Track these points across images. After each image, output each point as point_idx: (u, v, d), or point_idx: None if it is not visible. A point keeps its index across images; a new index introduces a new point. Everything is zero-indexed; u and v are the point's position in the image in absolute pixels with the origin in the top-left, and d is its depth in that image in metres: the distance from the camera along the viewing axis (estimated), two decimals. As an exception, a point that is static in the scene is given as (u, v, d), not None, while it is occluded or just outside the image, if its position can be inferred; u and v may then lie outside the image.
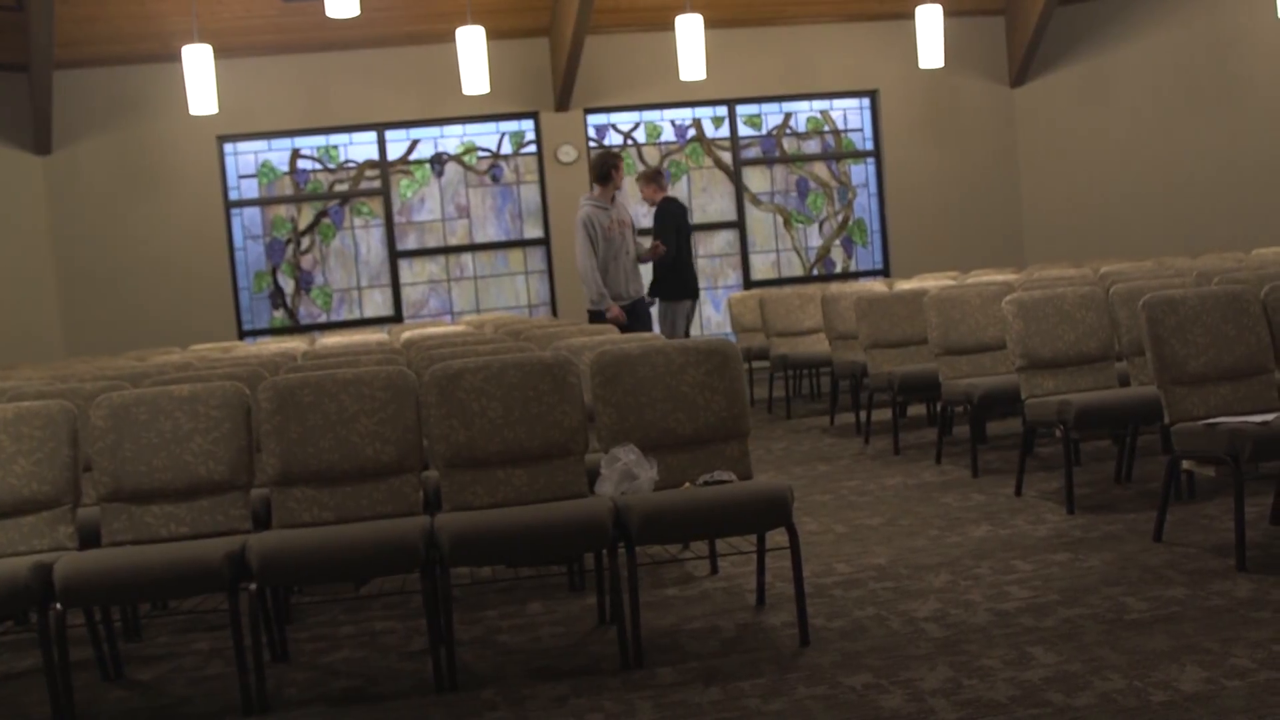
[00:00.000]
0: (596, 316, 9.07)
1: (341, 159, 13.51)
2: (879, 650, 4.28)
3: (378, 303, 13.63)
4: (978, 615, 4.59)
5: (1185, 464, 5.47)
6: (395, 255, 13.59)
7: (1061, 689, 3.77)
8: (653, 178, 10.40)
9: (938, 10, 12.41)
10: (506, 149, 13.82)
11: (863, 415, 9.00)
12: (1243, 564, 4.90)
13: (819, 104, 14.52)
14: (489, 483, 4.71)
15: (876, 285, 11.11)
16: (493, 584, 5.63)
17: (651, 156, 14.09)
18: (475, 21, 11.67)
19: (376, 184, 13.54)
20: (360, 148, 13.53)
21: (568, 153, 13.64)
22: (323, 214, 13.49)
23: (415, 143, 13.64)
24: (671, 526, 4.38)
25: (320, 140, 13.46)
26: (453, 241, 13.77)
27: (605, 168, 9.19)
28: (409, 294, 13.70)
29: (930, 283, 10.30)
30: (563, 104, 13.53)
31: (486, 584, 5.65)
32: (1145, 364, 5.80)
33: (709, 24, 12.38)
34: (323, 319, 13.51)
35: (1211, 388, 5.38)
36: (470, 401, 4.73)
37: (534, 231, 13.87)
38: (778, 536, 4.95)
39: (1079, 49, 14.29)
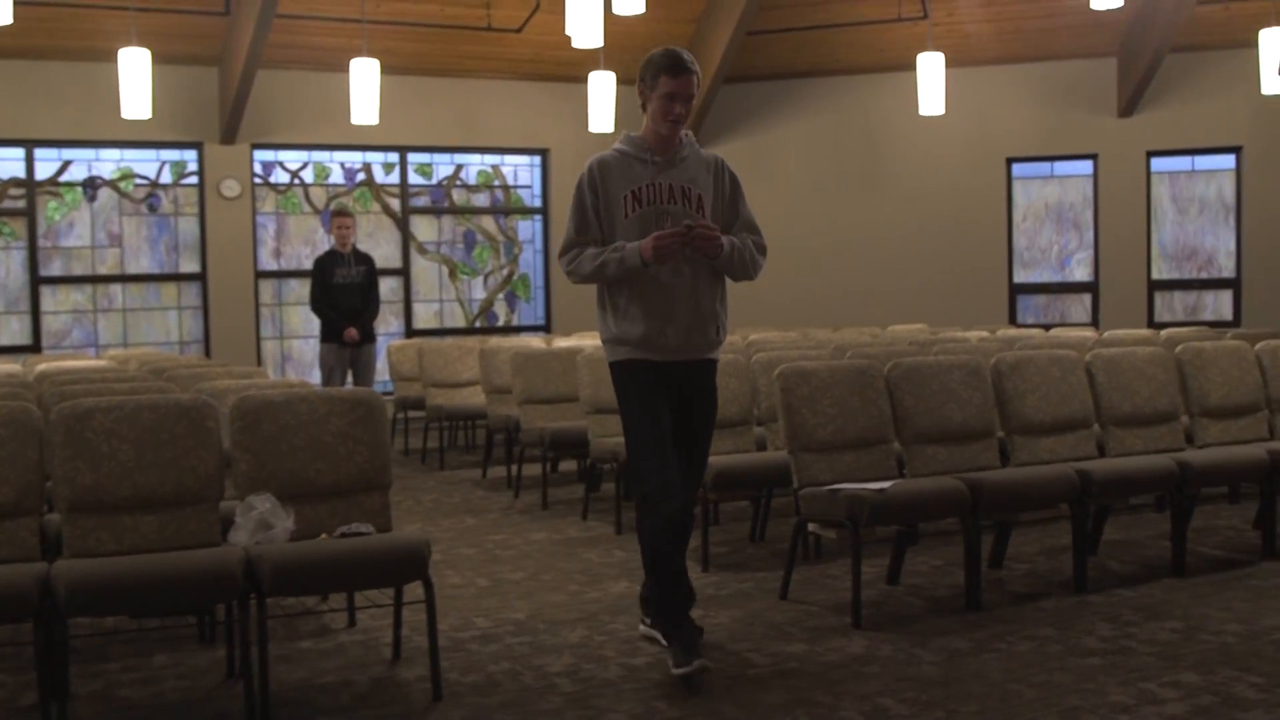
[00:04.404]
0: (620, 371, 4.87)
1: (-18, 175, 12.69)
2: (510, 705, 4.32)
3: (14, 330, 12.80)
4: (609, 670, 4.69)
5: (811, 526, 5.78)
6: (37, 281, 12.82)
7: (680, 743, 3.90)
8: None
9: (610, 77, 12.76)
10: (166, 178, 13.32)
11: (514, 469, 9.07)
12: (858, 621, 5.21)
13: (490, 158, 14.66)
14: (115, 529, 4.50)
15: (534, 341, 11.27)
16: (116, 635, 5.36)
17: (319, 198, 13.87)
18: (141, 43, 11.22)
19: (21, 204, 12.76)
20: (5, 164, 12.73)
21: (231, 187, 13.27)
22: (-43, 232, 12.62)
23: (67, 164, 12.95)
24: (305, 578, 4.30)
25: (-41, 154, 12.61)
26: (102, 270, 13.12)
27: (644, 71, 4.80)
28: (50, 323, 12.94)
29: (587, 341, 10.53)
30: (229, 137, 13.15)
31: (109, 635, 5.37)
32: (780, 430, 6.09)
33: (385, 69, 12.32)
34: (-50, 345, 12.60)
35: (837, 455, 5.71)
36: (100, 442, 4.51)
37: (190, 266, 13.38)
38: (419, 589, 4.93)
39: (742, 125, 14.97)
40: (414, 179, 14.30)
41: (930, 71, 12.68)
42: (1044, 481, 5.77)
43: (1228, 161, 14.29)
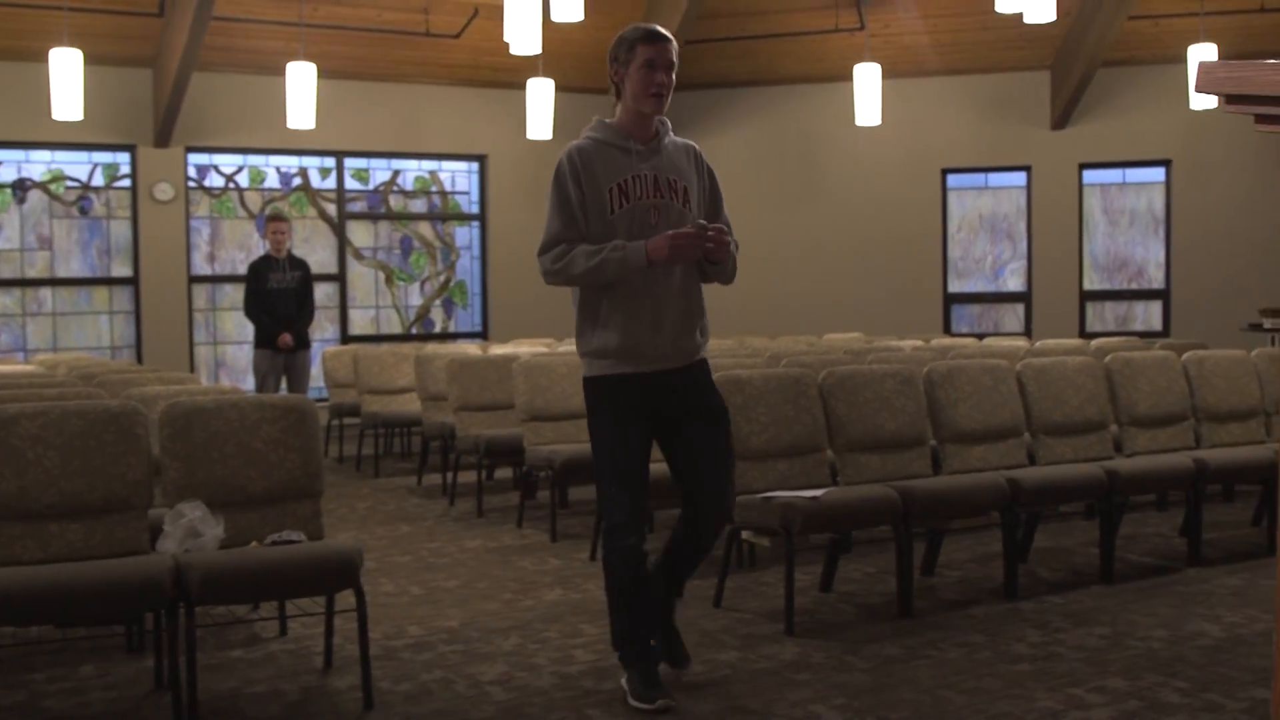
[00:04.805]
0: (596, 387, 4.48)
1: (-92, 177, 12.47)
2: (442, 714, 4.30)
3: (-59, 335, 12.60)
4: (542, 678, 4.69)
5: (745, 534, 5.80)
6: (-36, 285, 12.63)
7: (612, 751, 3.90)
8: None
9: (548, 84, 12.76)
10: (98, 181, 13.15)
11: (450, 476, 9.03)
12: (791, 629, 5.23)
13: (428, 164, 14.61)
14: (41, 537, 4.43)
15: (471, 348, 11.24)
16: (41, 645, 5.27)
17: (254, 202, 13.75)
18: (73, 44, 11.09)
19: (-53, 207, 12.57)
20: (-69, 167, 12.54)
21: (165, 190, 13.12)
22: (-118, 235, 12.38)
23: (-4, 165, 12.78)
24: (234, 586, 4.26)
25: (-116, 155, 12.38)
26: (31, 274, 12.92)
27: (615, 49, 4.37)
28: (-23, 327, 12.74)
29: (524, 349, 10.51)
30: (163, 140, 13.01)
31: (34, 645, 5.28)
32: (714, 438, 6.09)
33: (322, 74, 12.26)
34: (-126, 349, 12.36)
35: (771, 463, 5.73)
36: (25, 449, 4.44)
37: (123, 270, 13.21)
38: (351, 597, 4.90)
39: (680, 133, 14.88)
40: (351, 184, 14.22)
41: (867, 82, 12.80)
42: (975, 489, 5.83)
43: (1158, 174, 14.52)
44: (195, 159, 13.48)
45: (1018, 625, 5.33)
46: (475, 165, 14.80)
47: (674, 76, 4.34)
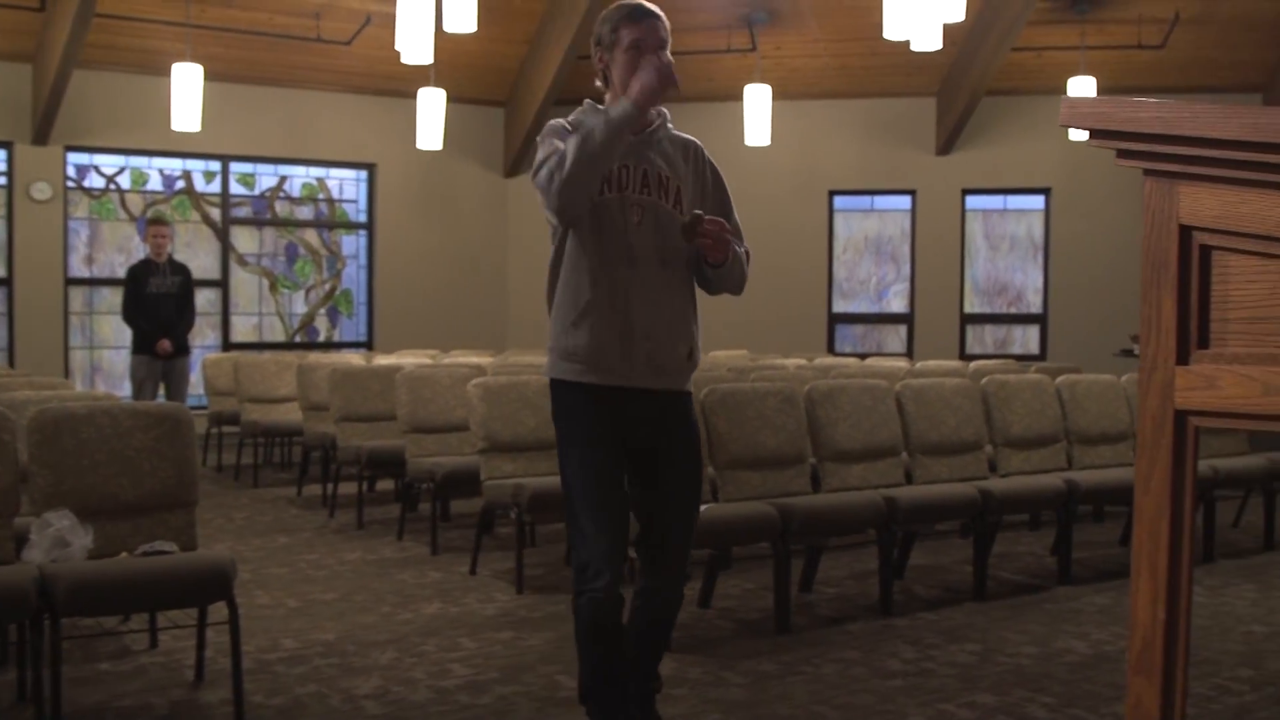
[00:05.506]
0: (563, 394, 3.81)
1: None
2: (314, 728, 4.25)
3: None
4: (418, 692, 4.65)
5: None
6: None
7: (486, 766, 3.88)
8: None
9: (440, 94, 12.71)
10: (-28, 179, 12.80)
11: (330, 488, 8.92)
12: (668, 644, 5.24)
13: (316, 171, 14.45)
14: (-101, 544, 4.30)
15: (354, 358, 11.13)
16: (-103, 655, 5.11)
17: (135, 205, 13.48)
18: (-54, 38, 10.80)
19: None
20: None
21: (42, 190, 12.80)
22: None
23: None
24: (102, 597, 4.16)
25: None
26: (-101, 273, 12.54)
27: (598, 33, 3.85)
28: None
29: (409, 359, 10.44)
30: (41, 137, 12.70)
31: (-110, 655, 5.12)
32: (597, 453, 6.09)
33: (209, 76, 12.09)
34: None
35: (653, 479, 5.74)
36: (-115, 454, 4.31)
37: (-5, 270, 12.88)
38: (225, 609, 4.82)
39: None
40: (236, 189, 14.01)
41: (757, 103, 12.95)
42: (852, 508, 5.91)
43: (1037, 202, 14.88)
44: (75, 158, 13.18)
45: (892, 641, 5.41)
46: (364, 173, 14.67)
47: (669, 55, 3.71)
